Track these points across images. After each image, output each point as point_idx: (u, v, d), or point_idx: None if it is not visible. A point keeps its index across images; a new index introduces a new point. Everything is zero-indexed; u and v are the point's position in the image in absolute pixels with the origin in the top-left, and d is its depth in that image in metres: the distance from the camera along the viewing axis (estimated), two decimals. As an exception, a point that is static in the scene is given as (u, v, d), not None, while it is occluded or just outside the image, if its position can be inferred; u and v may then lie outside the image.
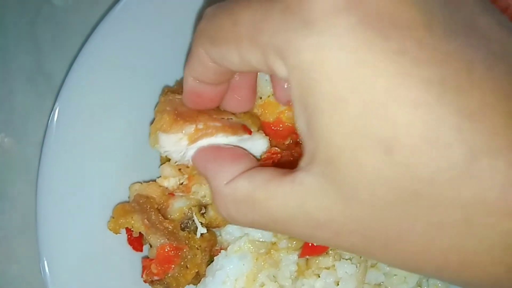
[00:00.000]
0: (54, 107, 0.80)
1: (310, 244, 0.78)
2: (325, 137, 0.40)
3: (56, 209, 0.78)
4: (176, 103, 0.71)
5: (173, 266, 0.76)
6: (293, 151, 0.82)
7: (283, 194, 0.47)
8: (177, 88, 0.83)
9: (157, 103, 0.74)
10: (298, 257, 0.79)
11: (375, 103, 0.37)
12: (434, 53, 0.37)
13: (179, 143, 0.61)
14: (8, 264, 0.91)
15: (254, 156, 0.70)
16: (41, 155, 0.80)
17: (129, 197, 0.82)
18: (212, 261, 0.80)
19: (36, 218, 0.78)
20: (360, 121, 0.38)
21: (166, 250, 0.75)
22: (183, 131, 0.64)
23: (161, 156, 0.83)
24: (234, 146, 0.62)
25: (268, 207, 0.48)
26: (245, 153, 0.58)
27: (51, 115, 0.80)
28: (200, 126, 0.65)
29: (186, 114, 0.67)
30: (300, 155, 0.79)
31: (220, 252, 0.79)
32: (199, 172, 0.62)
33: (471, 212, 0.37)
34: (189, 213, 0.79)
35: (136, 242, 0.81)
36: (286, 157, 0.80)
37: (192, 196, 0.79)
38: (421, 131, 0.36)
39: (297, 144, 0.84)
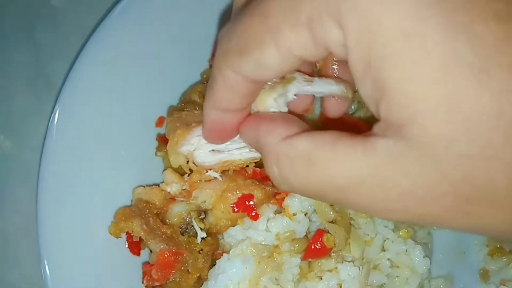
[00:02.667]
0: (54, 109, 0.80)
1: (312, 247, 0.78)
2: (399, 97, 0.39)
3: (57, 213, 0.78)
4: (183, 118, 0.74)
5: (173, 271, 0.75)
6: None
7: (353, 158, 0.43)
8: (181, 106, 0.84)
9: (166, 126, 0.77)
10: (301, 260, 0.79)
11: (473, 68, 0.37)
12: None
13: None
14: (8, 267, 0.90)
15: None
16: (41, 158, 0.79)
17: (131, 201, 0.82)
18: (214, 265, 0.79)
19: (37, 222, 0.77)
20: (441, 85, 0.37)
21: (166, 255, 0.75)
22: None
23: (164, 162, 0.82)
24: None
25: (330, 168, 0.45)
26: (296, 118, 0.54)
27: (51, 118, 0.80)
28: None
29: (196, 122, 0.70)
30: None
31: (222, 255, 0.79)
32: (248, 138, 0.58)
33: None
34: (187, 218, 0.79)
35: (135, 246, 0.81)
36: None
37: (192, 201, 0.79)
38: None
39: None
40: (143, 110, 0.85)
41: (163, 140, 0.81)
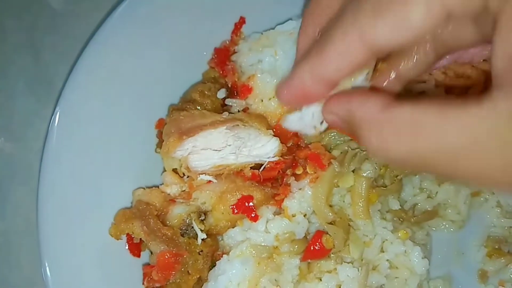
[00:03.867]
0: (55, 112, 0.80)
1: (312, 248, 0.78)
2: None
3: (58, 215, 0.78)
4: (179, 122, 0.76)
5: (173, 272, 0.75)
6: (294, 154, 0.82)
7: (467, 119, 0.40)
8: (181, 105, 0.84)
9: (165, 124, 0.80)
10: (300, 261, 0.79)
11: None
12: None
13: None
14: (9, 269, 0.90)
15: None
16: (42, 160, 0.79)
17: (131, 202, 0.82)
18: (214, 266, 0.80)
19: (38, 224, 0.77)
20: None
21: (166, 257, 0.75)
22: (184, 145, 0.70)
23: (163, 162, 0.83)
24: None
25: (441, 132, 0.42)
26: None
27: (52, 120, 0.80)
28: None
29: (190, 129, 0.73)
30: (301, 158, 0.81)
31: (222, 256, 0.79)
32: (337, 114, 0.53)
33: None
34: (187, 220, 0.79)
35: (135, 247, 0.81)
36: (289, 164, 0.80)
37: (192, 203, 0.79)
38: None
39: (299, 147, 0.84)
40: (144, 112, 0.85)
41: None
